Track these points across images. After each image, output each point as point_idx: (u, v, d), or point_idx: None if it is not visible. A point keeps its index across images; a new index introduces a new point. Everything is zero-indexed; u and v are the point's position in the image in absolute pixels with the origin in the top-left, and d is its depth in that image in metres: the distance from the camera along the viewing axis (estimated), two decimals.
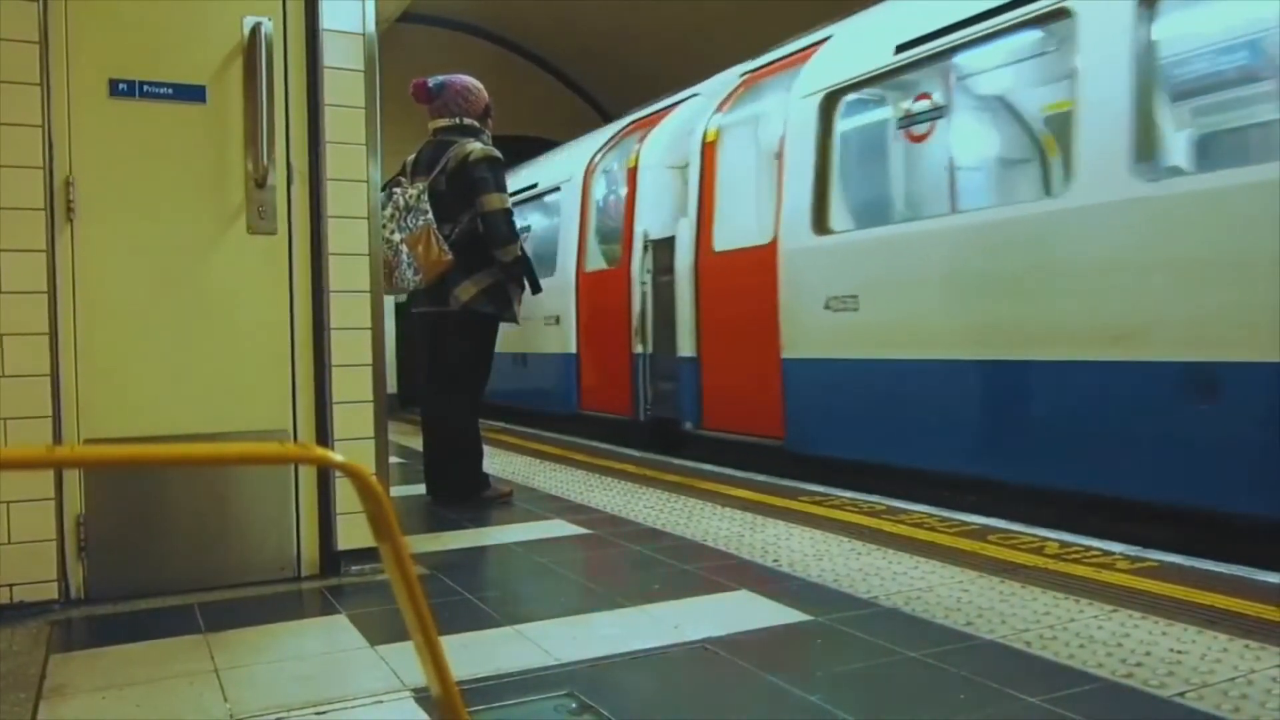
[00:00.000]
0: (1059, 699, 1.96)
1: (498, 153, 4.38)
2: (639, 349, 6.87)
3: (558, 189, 8.66)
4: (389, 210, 4.13)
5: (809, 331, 5.10)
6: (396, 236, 4.12)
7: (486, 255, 4.34)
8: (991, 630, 2.41)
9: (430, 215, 4.17)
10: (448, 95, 4.44)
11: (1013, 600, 2.66)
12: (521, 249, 4.46)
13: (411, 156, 4.53)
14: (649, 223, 6.87)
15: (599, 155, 8.12)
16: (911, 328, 4.53)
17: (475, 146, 4.32)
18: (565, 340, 8.06)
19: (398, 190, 4.24)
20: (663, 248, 6.61)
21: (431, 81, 4.46)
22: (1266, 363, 3.13)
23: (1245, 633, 2.32)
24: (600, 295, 7.61)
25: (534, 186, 9.32)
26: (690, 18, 11.24)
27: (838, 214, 5.08)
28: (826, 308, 4.94)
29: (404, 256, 4.11)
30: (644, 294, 6.78)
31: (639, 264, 6.85)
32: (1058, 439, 3.86)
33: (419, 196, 4.19)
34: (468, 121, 4.45)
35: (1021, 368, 3.98)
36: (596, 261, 7.82)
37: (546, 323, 8.26)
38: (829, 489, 4.51)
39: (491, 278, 4.37)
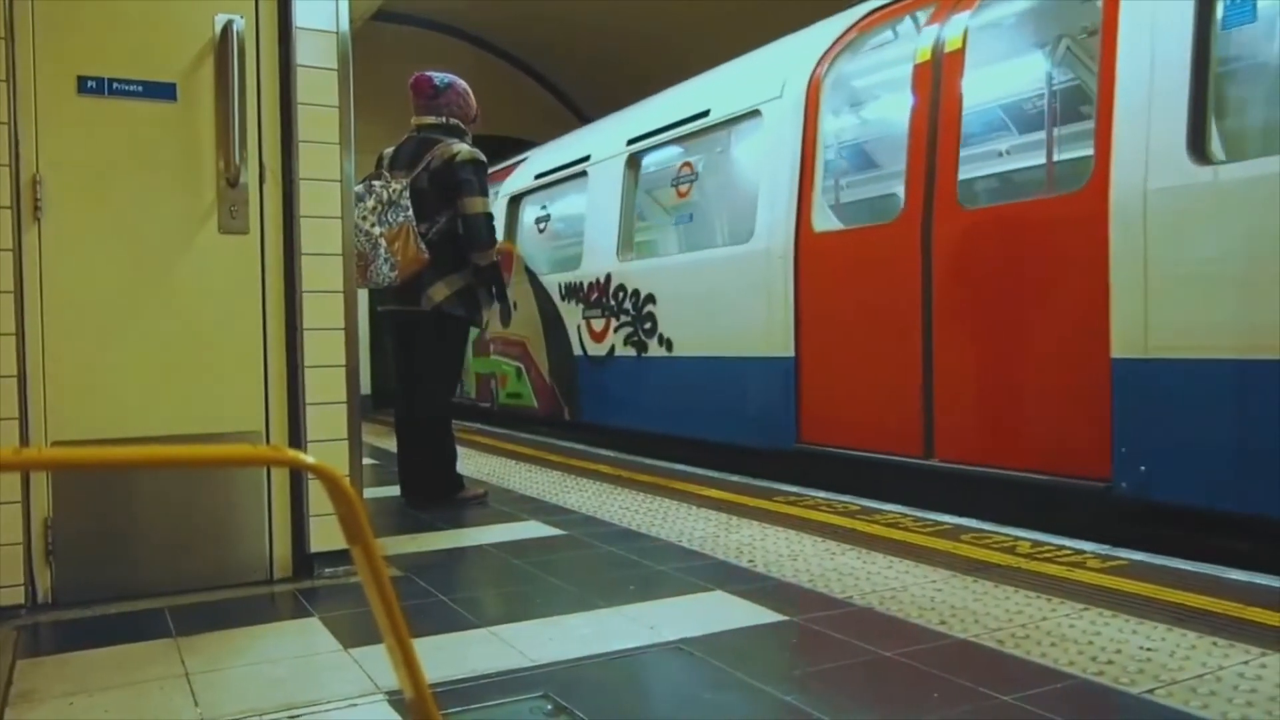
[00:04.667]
0: (1031, 697, 1.97)
1: (483, 156, 4.38)
2: None
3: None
4: (370, 203, 4.07)
5: None
6: (377, 230, 4.05)
7: (460, 257, 4.34)
8: (964, 629, 2.42)
9: (410, 213, 4.14)
10: (450, 95, 4.46)
11: (985, 599, 2.68)
12: (495, 256, 4.46)
13: (389, 150, 4.49)
14: None
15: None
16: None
17: (462, 148, 4.32)
18: None
19: (378, 183, 4.18)
20: None
21: (438, 79, 4.47)
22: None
23: (1214, 630, 2.34)
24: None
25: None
26: (669, 17, 11.23)
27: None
28: None
29: (382, 251, 4.06)
30: None
31: None
32: None
33: (401, 192, 4.16)
34: (453, 122, 4.46)
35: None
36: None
37: None
38: (803, 489, 4.53)
39: (464, 280, 4.38)
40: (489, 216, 4.36)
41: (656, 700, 2.11)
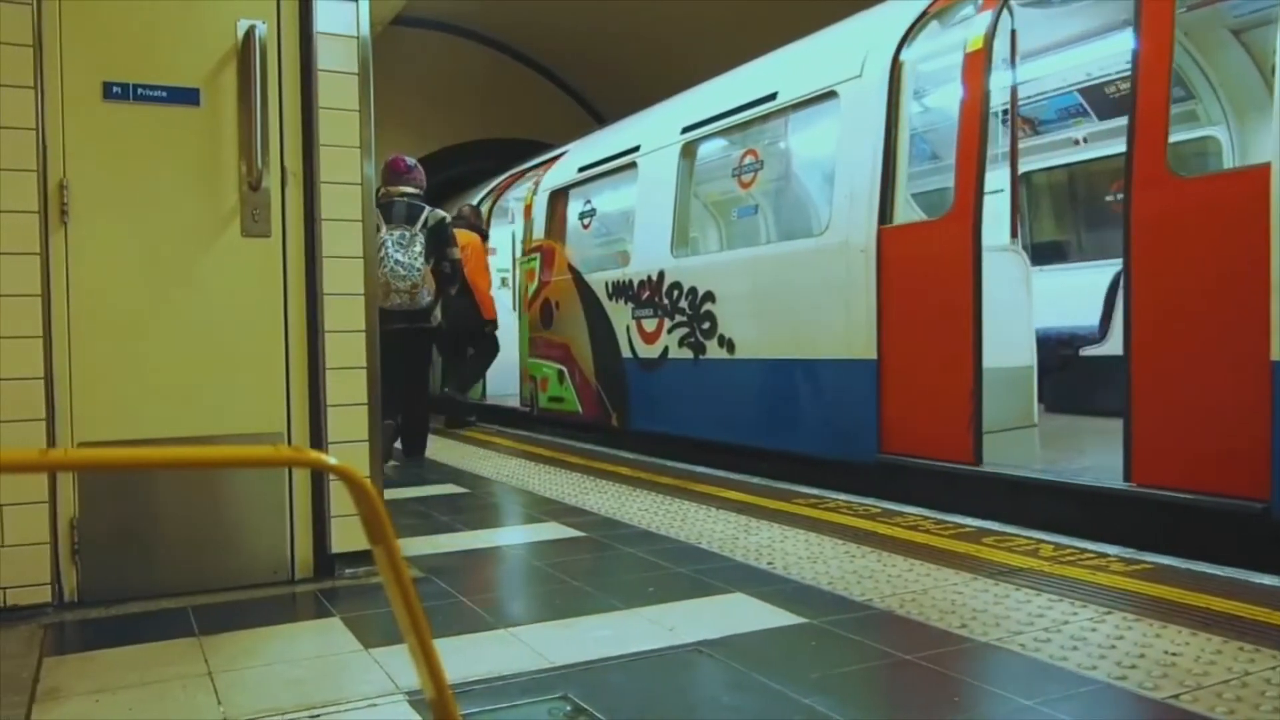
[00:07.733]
0: (1054, 701, 1.96)
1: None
2: None
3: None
4: (419, 247, 5.70)
5: None
6: (419, 265, 5.71)
7: (439, 289, 6.07)
8: (986, 633, 2.41)
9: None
10: (417, 173, 6.02)
11: (1007, 602, 2.66)
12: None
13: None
14: None
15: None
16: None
17: (443, 213, 6.01)
18: None
19: (399, 233, 5.68)
20: None
21: (407, 160, 6.03)
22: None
23: (1239, 635, 2.32)
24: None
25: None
26: (685, 21, 11.25)
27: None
28: None
29: (424, 282, 5.77)
30: None
31: None
32: None
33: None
34: (420, 192, 5.99)
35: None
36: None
37: None
38: (824, 491, 4.52)
39: (439, 304, 6.18)
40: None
41: (675, 702, 2.11)
